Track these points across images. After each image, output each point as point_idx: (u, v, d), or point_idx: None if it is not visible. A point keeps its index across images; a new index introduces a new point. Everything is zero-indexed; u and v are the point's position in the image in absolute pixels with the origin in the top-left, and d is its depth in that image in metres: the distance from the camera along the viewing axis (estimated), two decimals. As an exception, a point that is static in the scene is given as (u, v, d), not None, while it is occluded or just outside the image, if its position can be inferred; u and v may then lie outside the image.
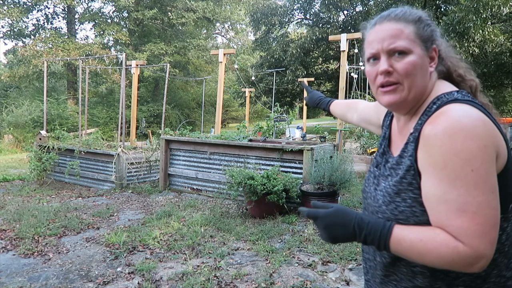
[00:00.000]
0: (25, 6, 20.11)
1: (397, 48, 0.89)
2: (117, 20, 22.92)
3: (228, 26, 29.00)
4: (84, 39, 23.60)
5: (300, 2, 20.83)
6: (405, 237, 0.82)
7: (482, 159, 0.76)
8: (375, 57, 0.93)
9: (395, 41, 0.89)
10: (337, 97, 8.63)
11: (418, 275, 0.89)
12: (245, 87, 17.45)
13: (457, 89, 0.94)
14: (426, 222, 0.83)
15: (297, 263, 3.35)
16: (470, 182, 0.75)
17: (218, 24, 27.44)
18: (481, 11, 11.89)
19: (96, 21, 21.88)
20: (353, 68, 11.81)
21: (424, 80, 0.92)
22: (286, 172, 5.00)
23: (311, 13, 21.29)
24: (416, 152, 0.87)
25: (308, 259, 3.41)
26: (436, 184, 0.79)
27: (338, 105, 1.55)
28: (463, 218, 0.76)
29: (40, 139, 7.41)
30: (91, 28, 30.10)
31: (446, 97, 0.89)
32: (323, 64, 23.54)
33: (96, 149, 6.90)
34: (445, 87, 0.94)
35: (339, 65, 8.49)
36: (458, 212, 0.76)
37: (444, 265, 0.79)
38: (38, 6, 20.68)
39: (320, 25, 20.32)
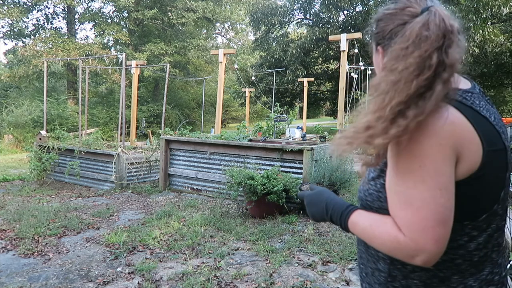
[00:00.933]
0: (25, 6, 20.11)
1: None
2: (117, 20, 22.93)
3: (228, 26, 29.01)
4: (84, 39, 23.62)
5: (300, 2, 20.83)
6: (359, 221, 0.89)
7: (434, 157, 0.76)
8: None
9: None
10: (337, 97, 8.62)
11: (380, 259, 0.93)
12: (245, 87, 17.46)
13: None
14: (387, 209, 0.86)
15: (297, 263, 3.35)
16: (417, 177, 0.77)
17: (218, 24, 27.45)
18: (481, 11, 11.90)
19: (96, 21, 21.89)
20: (353, 68, 11.81)
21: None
22: (286, 172, 5.00)
23: (311, 13, 21.30)
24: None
25: (308, 259, 3.41)
26: (391, 176, 0.83)
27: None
28: (408, 210, 0.78)
29: (40, 139, 7.41)
30: (91, 28, 30.13)
31: None
32: (323, 64, 23.55)
33: (96, 149, 6.90)
34: None
35: (339, 65, 8.49)
36: (404, 204, 0.78)
37: (388, 252, 0.83)
38: (38, 6, 20.68)
39: (320, 25, 20.32)
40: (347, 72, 7.64)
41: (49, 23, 21.93)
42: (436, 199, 0.76)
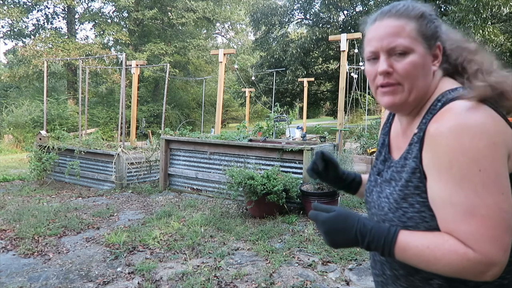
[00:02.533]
0: (25, 6, 20.10)
1: (397, 47, 0.83)
2: (117, 20, 22.92)
3: (228, 26, 29.00)
4: (84, 39, 23.60)
5: (300, 2, 20.83)
6: (411, 243, 0.77)
7: (492, 158, 0.70)
8: (375, 56, 0.87)
9: (395, 39, 0.83)
10: (337, 97, 8.63)
11: (435, 285, 0.82)
12: (245, 87, 17.45)
13: (459, 85, 0.89)
14: (437, 227, 0.78)
15: (297, 263, 3.35)
16: (478, 183, 0.70)
17: (218, 24, 27.44)
18: (481, 11, 11.89)
19: (96, 21, 21.88)
20: (353, 68, 11.81)
21: (426, 80, 0.86)
22: (286, 172, 5.00)
23: (311, 13, 21.29)
24: (421, 153, 0.81)
25: (308, 259, 3.41)
26: (442, 186, 0.74)
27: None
28: (471, 222, 0.70)
29: (40, 139, 7.41)
30: (91, 28, 30.13)
31: (451, 94, 0.83)
32: (323, 64, 23.55)
33: (96, 149, 6.90)
34: (450, 84, 0.88)
35: (339, 65, 8.49)
36: (466, 216, 0.71)
37: (454, 274, 0.73)
38: (38, 6, 20.67)
39: (320, 25, 20.32)
40: (347, 72, 7.64)
41: (49, 23, 21.93)
42: (500, 204, 0.70)
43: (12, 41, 22.17)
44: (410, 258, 0.77)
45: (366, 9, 18.48)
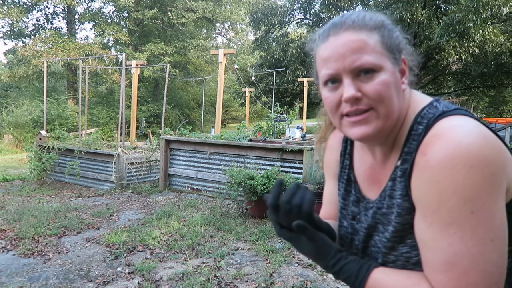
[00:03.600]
0: (25, 6, 20.11)
1: (364, 65, 0.69)
2: (117, 20, 22.93)
3: (228, 26, 29.02)
4: (84, 39, 23.62)
5: (300, 2, 20.83)
6: (383, 280, 0.70)
7: (488, 194, 0.60)
8: (334, 80, 0.72)
9: (360, 56, 0.69)
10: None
11: None
12: (245, 87, 17.46)
13: (430, 98, 0.76)
14: None
15: (297, 263, 3.35)
16: (466, 228, 0.60)
17: (218, 24, 27.46)
18: (481, 11, 11.88)
19: (96, 21, 21.89)
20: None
21: (400, 100, 0.73)
22: (286, 172, 5.00)
23: (311, 13, 21.29)
24: (410, 189, 0.70)
25: (308, 259, 3.41)
26: (425, 228, 0.65)
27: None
28: (450, 273, 0.61)
29: (40, 139, 7.41)
30: (91, 28, 30.12)
31: (430, 112, 0.71)
32: (323, 64, 23.51)
33: (96, 149, 6.90)
34: (420, 99, 0.76)
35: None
36: (446, 265, 0.61)
37: None
38: (38, 6, 20.68)
39: (320, 25, 20.25)
40: (347, 72, 7.64)
41: (49, 23, 21.94)
42: (488, 255, 0.60)
43: (12, 41, 22.20)
44: None
45: (366, 9, 18.49)
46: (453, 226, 0.61)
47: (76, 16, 22.42)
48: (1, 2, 19.39)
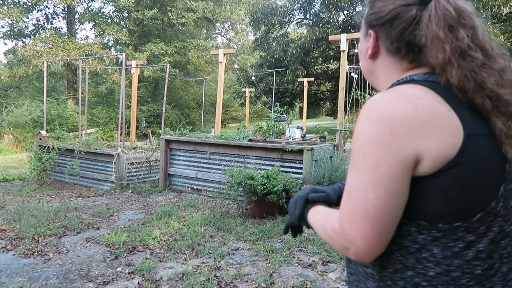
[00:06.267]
0: (25, 6, 20.10)
1: None
2: (117, 20, 22.91)
3: (228, 26, 29.01)
4: (84, 39, 23.60)
5: (300, 2, 20.83)
6: (319, 210, 0.88)
7: (377, 147, 0.68)
8: None
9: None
10: (337, 97, 8.64)
11: (369, 277, 0.82)
12: (245, 87, 17.45)
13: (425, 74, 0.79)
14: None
15: (297, 263, 3.35)
16: (359, 168, 0.71)
17: (218, 24, 27.44)
18: (481, 11, 11.89)
19: (96, 21, 21.88)
20: (353, 68, 11.81)
21: (367, 66, 0.90)
22: (286, 172, 5.00)
23: (311, 13, 21.29)
24: None
25: (308, 259, 3.41)
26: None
27: None
28: (345, 200, 0.74)
29: (40, 139, 7.41)
30: (91, 28, 30.12)
31: (408, 78, 0.79)
32: (323, 64, 23.54)
33: (96, 149, 6.90)
34: (412, 71, 0.81)
35: (339, 65, 8.50)
36: (345, 194, 0.74)
37: (329, 242, 0.80)
38: (38, 6, 20.67)
39: (320, 25, 20.32)
40: (347, 72, 7.64)
41: (49, 23, 21.92)
42: (366, 194, 0.69)
43: (12, 41, 22.19)
44: (313, 223, 0.88)
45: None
46: (352, 164, 0.74)
47: (76, 16, 22.41)
48: (1, 2, 19.38)
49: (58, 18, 23.08)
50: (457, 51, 0.74)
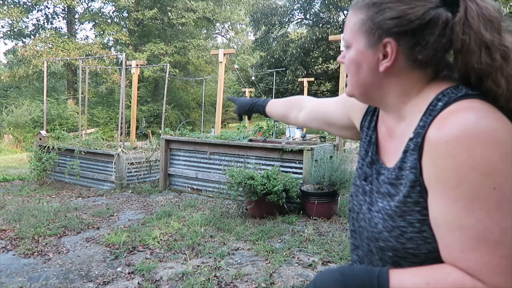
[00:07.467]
0: (25, 6, 20.10)
1: (344, 39, 0.80)
2: (117, 20, 22.92)
3: (228, 26, 29.01)
4: (84, 39, 23.60)
5: (300, 2, 20.84)
6: (406, 281, 0.65)
7: (507, 173, 0.59)
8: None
9: (345, 32, 0.79)
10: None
11: None
12: (245, 87, 17.46)
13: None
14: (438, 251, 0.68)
15: (297, 263, 3.35)
16: (492, 203, 0.59)
17: (218, 24, 27.44)
18: (481, 11, 11.90)
19: (96, 21, 21.88)
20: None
21: (372, 81, 0.76)
22: (286, 172, 5.01)
23: (311, 13, 21.30)
24: (420, 163, 0.68)
25: (308, 259, 3.41)
26: (448, 206, 0.62)
27: (276, 105, 1.31)
28: (483, 249, 0.59)
29: (40, 139, 7.41)
30: (91, 28, 30.10)
31: (454, 92, 0.69)
32: (323, 64, 23.55)
33: (96, 149, 6.90)
34: (443, 81, 0.74)
35: (339, 65, 8.49)
36: (476, 242, 0.59)
37: None
38: (38, 6, 20.67)
39: (320, 25, 20.33)
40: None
41: (49, 23, 21.92)
42: None
43: (12, 41, 22.18)
44: None
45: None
46: (477, 201, 0.59)
47: (76, 16, 22.40)
48: (1, 2, 19.39)
49: (58, 18, 23.07)
50: (504, 55, 0.66)
